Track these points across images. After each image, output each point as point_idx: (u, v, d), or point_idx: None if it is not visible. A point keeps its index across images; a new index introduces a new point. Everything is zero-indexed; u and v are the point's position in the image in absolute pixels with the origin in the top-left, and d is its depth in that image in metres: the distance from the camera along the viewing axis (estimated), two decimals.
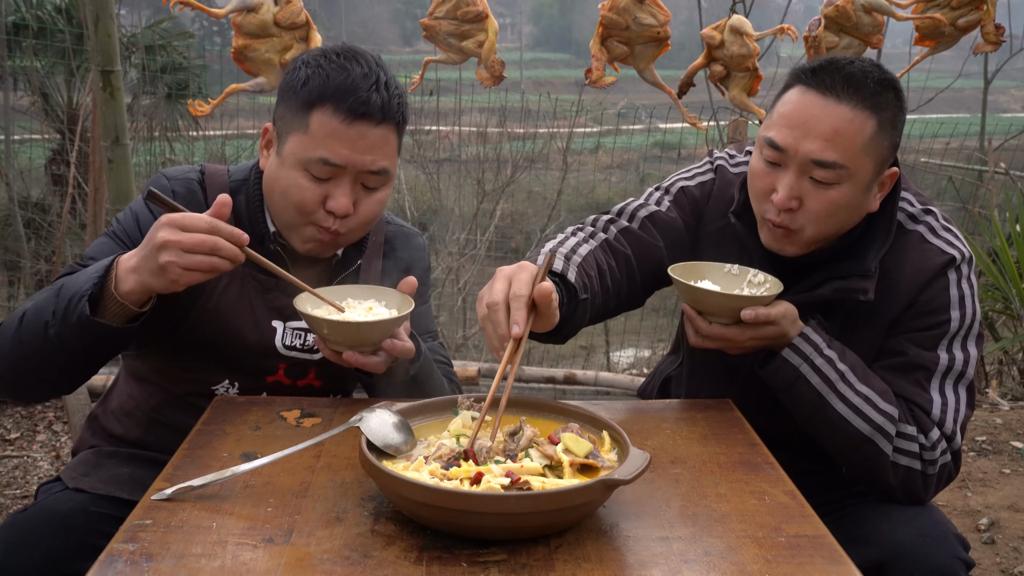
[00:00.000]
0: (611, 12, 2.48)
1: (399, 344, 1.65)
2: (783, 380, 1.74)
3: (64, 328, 1.57)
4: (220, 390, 1.86)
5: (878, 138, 1.71)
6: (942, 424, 1.75)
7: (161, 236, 1.51)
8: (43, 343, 1.60)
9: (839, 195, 1.73)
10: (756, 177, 1.80)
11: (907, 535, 1.69)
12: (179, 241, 1.51)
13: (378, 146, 1.71)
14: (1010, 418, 4.30)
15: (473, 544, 1.28)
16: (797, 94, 1.74)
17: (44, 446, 4.04)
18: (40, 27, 7.10)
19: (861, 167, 1.72)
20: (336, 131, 1.68)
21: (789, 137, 1.72)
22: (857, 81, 1.70)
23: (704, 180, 2.00)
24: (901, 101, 1.76)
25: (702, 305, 1.74)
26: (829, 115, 1.70)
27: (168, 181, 1.84)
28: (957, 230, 1.87)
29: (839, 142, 1.69)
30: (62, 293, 1.59)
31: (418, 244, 2.04)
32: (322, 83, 1.68)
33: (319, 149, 1.68)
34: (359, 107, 1.67)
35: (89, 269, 1.61)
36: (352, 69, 1.70)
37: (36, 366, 1.65)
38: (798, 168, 1.73)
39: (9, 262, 6.36)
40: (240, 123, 7.40)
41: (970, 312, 1.79)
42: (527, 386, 4.64)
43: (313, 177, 1.70)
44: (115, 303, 1.58)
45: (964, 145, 6.89)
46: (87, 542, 1.57)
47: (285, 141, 1.73)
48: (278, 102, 1.78)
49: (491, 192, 6.95)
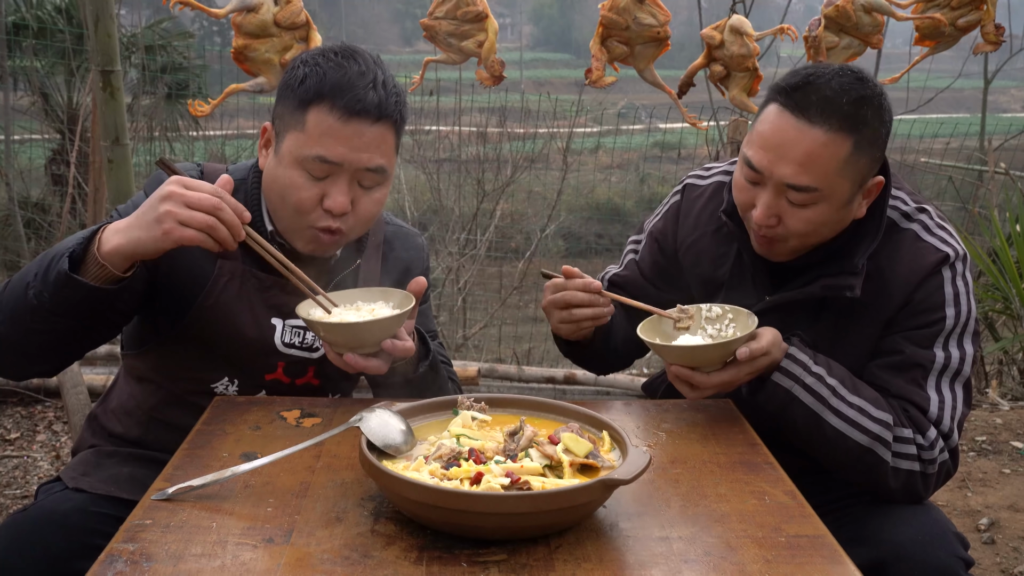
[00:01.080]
0: (611, 12, 2.48)
1: (399, 344, 1.65)
2: (776, 405, 1.73)
3: (43, 287, 1.56)
4: (219, 388, 1.86)
5: (855, 158, 1.71)
6: (939, 423, 1.75)
7: (166, 188, 1.52)
8: (23, 304, 1.58)
9: (815, 215, 1.74)
10: (738, 190, 1.83)
11: (907, 534, 1.69)
12: (182, 194, 1.51)
13: (375, 144, 1.70)
14: (1010, 418, 4.30)
15: (473, 544, 1.28)
16: (774, 114, 1.74)
17: (44, 446, 4.04)
18: (40, 27, 7.11)
19: (837, 188, 1.72)
20: (332, 128, 1.67)
21: (764, 160, 1.73)
22: (832, 103, 1.69)
23: (667, 210, 2.10)
24: (882, 114, 1.74)
25: (696, 362, 1.72)
26: (803, 139, 1.69)
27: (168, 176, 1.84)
28: (951, 228, 1.87)
29: (812, 167, 1.70)
30: (45, 255, 1.60)
31: (417, 244, 2.04)
32: (319, 81, 1.68)
33: (315, 147, 1.68)
34: (355, 104, 1.67)
35: (77, 234, 1.61)
36: (349, 67, 1.69)
37: (16, 332, 1.63)
38: (774, 188, 1.74)
39: (9, 262, 6.36)
40: (240, 123, 7.41)
41: (965, 309, 1.79)
42: (527, 386, 4.64)
43: (310, 176, 1.70)
44: (96, 265, 1.56)
45: (964, 145, 6.89)
46: (87, 542, 1.57)
47: (283, 140, 1.73)
48: (276, 101, 1.78)
49: (491, 192, 6.94)
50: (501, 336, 6.74)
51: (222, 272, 1.80)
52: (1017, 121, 9.13)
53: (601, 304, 1.83)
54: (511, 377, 4.70)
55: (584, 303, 1.82)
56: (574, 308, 1.83)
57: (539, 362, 6.17)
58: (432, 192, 7.19)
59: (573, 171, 7.34)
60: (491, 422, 1.55)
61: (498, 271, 7.16)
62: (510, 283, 6.98)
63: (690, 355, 1.71)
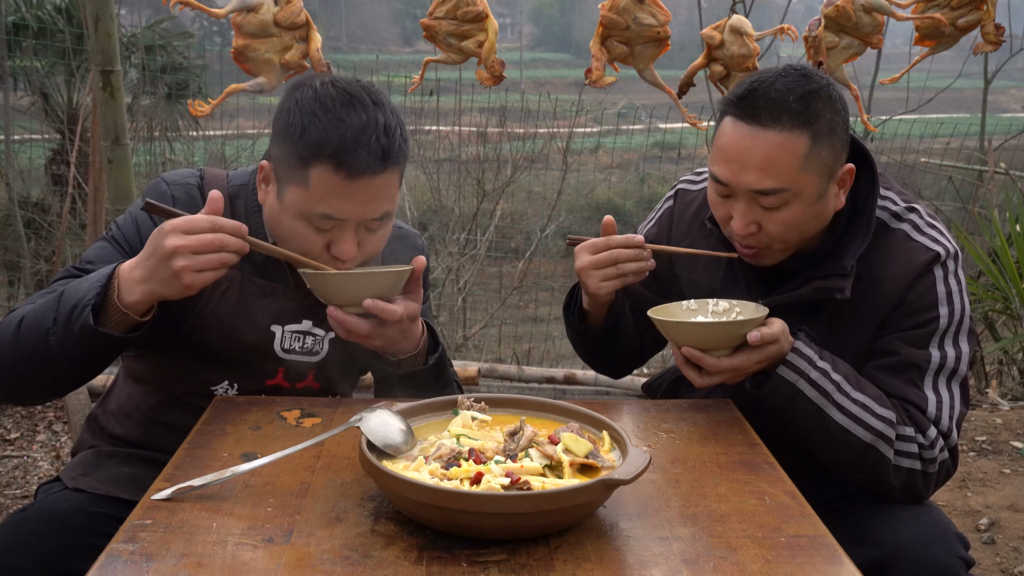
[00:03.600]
0: (611, 12, 2.48)
1: (382, 304, 1.64)
2: (781, 398, 1.73)
3: (66, 337, 1.57)
4: (219, 391, 1.86)
5: (815, 151, 1.72)
6: (938, 422, 1.76)
7: (169, 244, 1.51)
8: (44, 350, 1.59)
9: (791, 214, 1.75)
10: (713, 206, 1.85)
11: (907, 534, 1.69)
12: (187, 245, 1.51)
13: (381, 194, 1.68)
14: (1010, 418, 4.29)
15: (473, 544, 1.28)
16: (729, 126, 1.76)
17: (44, 446, 4.04)
18: (40, 27, 7.10)
19: (805, 184, 1.73)
20: (337, 188, 1.64)
21: (728, 172, 1.75)
22: (780, 104, 1.70)
23: (660, 215, 2.11)
24: (833, 103, 1.74)
25: (706, 342, 1.70)
26: (759, 144, 1.71)
27: (168, 186, 1.83)
28: (943, 226, 1.87)
29: (774, 169, 1.71)
30: (63, 300, 1.59)
31: (417, 245, 2.04)
32: (320, 138, 1.62)
33: (320, 205, 1.65)
34: (359, 167, 1.63)
35: (91, 277, 1.61)
36: (350, 120, 1.63)
37: (36, 371, 1.65)
38: (745, 198, 1.76)
39: (9, 262, 6.36)
40: (240, 123, 7.40)
41: (959, 308, 1.79)
42: (527, 386, 4.64)
43: (316, 228, 1.69)
44: (118, 312, 1.57)
45: (964, 145, 6.88)
46: (87, 542, 1.57)
47: (285, 189, 1.70)
48: (273, 140, 1.74)
49: (491, 192, 6.94)
50: (501, 336, 6.75)
51: (221, 280, 1.80)
52: (1017, 121, 9.12)
53: (645, 257, 1.85)
54: (511, 377, 4.70)
55: (632, 258, 1.84)
56: (621, 263, 1.84)
57: (539, 362, 6.17)
58: (432, 192, 7.18)
59: (573, 171, 7.34)
60: (491, 422, 1.55)
61: (498, 271, 7.16)
62: (510, 283, 6.98)
63: (702, 333, 1.70)
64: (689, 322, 1.74)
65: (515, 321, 7.02)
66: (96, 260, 1.76)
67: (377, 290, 1.66)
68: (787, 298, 1.83)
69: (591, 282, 1.86)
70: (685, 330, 1.72)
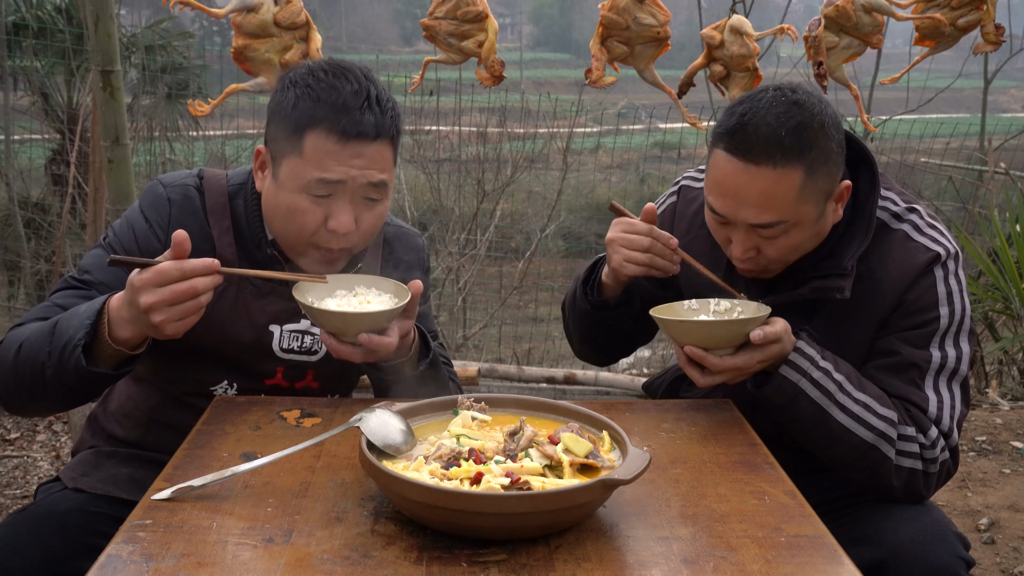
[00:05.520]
0: (611, 12, 2.48)
1: (376, 339, 1.62)
2: (783, 398, 1.73)
3: (61, 372, 1.59)
4: (219, 391, 1.86)
5: (810, 182, 1.72)
6: (939, 422, 1.76)
7: (143, 301, 1.51)
8: (41, 380, 1.62)
9: (790, 240, 1.76)
10: (711, 228, 1.85)
11: (907, 534, 1.69)
12: (161, 300, 1.50)
13: (375, 162, 1.70)
14: (1010, 418, 4.29)
15: (473, 544, 1.28)
16: (723, 159, 1.75)
17: (44, 446, 4.04)
18: (40, 27, 7.10)
19: (803, 213, 1.74)
20: (332, 152, 1.67)
21: (725, 207, 1.76)
22: (772, 139, 1.69)
23: (663, 211, 2.10)
24: (826, 130, 1.72)
25: (709, 341, 1.70)
26: (754, 181, 1.71)
27: (164, 188, 1.83)
28: (943, 226, 1.87)
29: (771, 204, 1.71)
30: (56, 336, 1.60)
31: (418, 244, 2.04)
32: (312, 105, 1.67)
33: (315, 170, 1.67)
34: (353, 127, 1.66)
35: (80, 311, 1.60)
36: (342, 87, 1.68)
37: (36, 396, 1.68)
38: (743, 229, 1.76)
39: (9, 262, 6.36)
40: (240, 123, 7.40)
41: (959, 308, 1.79)
42: (527, 386, 4.64)
43: (313, 197, 1.69)
44: (110, 348, 1.58)
45: (964, 145, 6.88)
46: (86, 542, 1.58)
47: (280, 165, 1.72)
48: (268, 123, 1.76)
49: (491, 192, 6.94)
50: (501, 336, 6.74)
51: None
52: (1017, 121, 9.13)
53: (675, 261, 1.87)
54: (511, 377, 4.70)
55: (664, 255, 1.85)
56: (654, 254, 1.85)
57: (539, 362, 6.16)
58: (432, 192, 7.18)
59: (573, 171, 7.34)
60: (491, 422, 1.55)
61: (498, 271, 7.16)
62: (510, 283, 6.98)
63: (706, 332, 1.70)
64: (692, 321, 1.74)
65: (515, 321, 7.02)
66: (92, 269, 1.77)
67: (372, 326, 1.63)
68: (787, 298, 1.83)
69: (617, 257, 1.87)
70: (688, 329, 1.72)
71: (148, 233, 1.79)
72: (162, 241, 1.78)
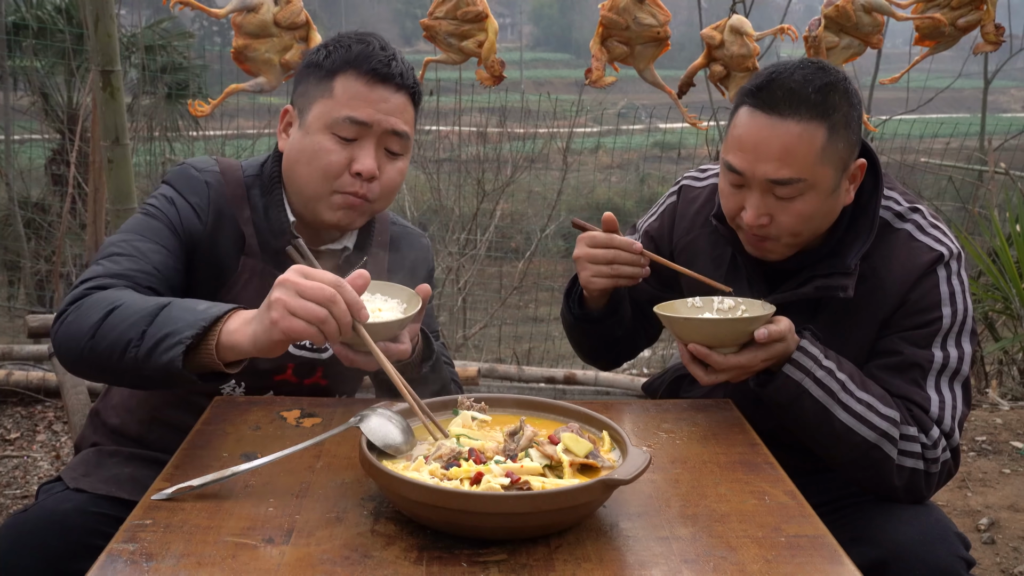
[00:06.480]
0: (611, 12, 2.48)
1: (392, 347, 1.60)
2: (786, 397, 1.72)
3: (147, 358, 1.48)
4: (226, 390, 1.86)
5: (831, 143, 1.72)
6: (940, 422, 1.76)
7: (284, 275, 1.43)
8: (119, 354, 1.52)
9: (805, 206, 1.75)
10: (724, 197, 1.84)
11: (908, 534, 1.69)
12: (296, 283, 1.41)
13: (399, 110, 1.80)
14: (1010, 418, 4.30)
15: (473, 544, 1.28)
16: (746, 115, 1.75)
17: (44, 446, 4.04)
18: (40, 27, 7.11)
19: (821, 175, 1.73)
20: (360, 93, 1.77)
21: (744, 161, 1.74)
22: (798, 94, 1.70)
23: (664, 210, 2.10)
24: (850, 97, 1.75)
25: (713, 339, 1.69)
26: (777, 134, 1.71)
27: (199, 172, 1.85)
28: (946, 226, 1.87)
29: (792, 159, 1.71)
30: (158, 321, 1.49)
31: (423, 245, 2.05)
32: (344, 52, 1.79)
33: (344, 109, 1.76)
34: (381, 69, 1.78)
35: (200, 307, 1.51)
36: (371, 41, 1.82)
37: (103, 364, 1.57)
38: (760, 188, 1.75)
39: (9, 262, 6.36)
40: (240, 123, 7.40)
41: (961, 308, 1.79)
42: (527, 386, 4.64)
43: (339, 139, 1.77)
44: (208, 356, 1.48)
45: (964, 145, 6.89)
46: (87, 542, 1.57)
47: (308, 112, 1.80)
48: (296, 83, 1.87)
49: (491, 192, 6.94)
50: (501, 336, 6.75)
51: (244, 269, 1.81)
52: (1017, 121, 9.13)
53: (643, 263, 1.86)
54: (511, 377, 4.70)
55: (629, 262, 1.85)
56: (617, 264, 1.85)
57: (539, 362, 6.17)
58: (432, 192, 7.19)
59: (573, 171, 7.35)
60: (491, 422, 1.55)
61: (498, 271, 7.17)
62: (510, 283, 6.99)
63: (711, 330, 1.69)
64: (697, 319, 1.74)
65: (515, 321, 7.02)
66: (145, 232, 1.74)
67: (385, 336, 1.61)
68: (790, 296, 1.83)
69: (584, 274, 1.88)
70: (693, 327, 1.72)
71: (190, 213, 1.80)
72: (203, 222, 1.80)
